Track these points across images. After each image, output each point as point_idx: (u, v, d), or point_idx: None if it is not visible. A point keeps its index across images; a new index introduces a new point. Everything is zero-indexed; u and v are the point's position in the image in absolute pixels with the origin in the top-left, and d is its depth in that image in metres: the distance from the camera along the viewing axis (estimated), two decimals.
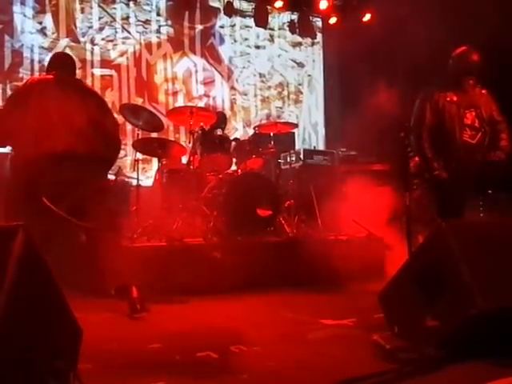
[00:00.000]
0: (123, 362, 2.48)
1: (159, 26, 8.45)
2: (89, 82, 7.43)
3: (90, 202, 3.56)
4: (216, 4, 8.94)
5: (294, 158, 6.90)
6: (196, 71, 8.74)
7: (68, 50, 7.45)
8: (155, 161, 6.54)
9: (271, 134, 6.10)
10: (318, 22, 9.90)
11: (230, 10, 8.85)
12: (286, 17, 9.56)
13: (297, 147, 7.51)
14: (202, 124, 5.73)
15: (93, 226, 3.54)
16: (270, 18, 9.30)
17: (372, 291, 2.92)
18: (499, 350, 2.25)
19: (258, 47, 9.38)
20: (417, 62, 4.27)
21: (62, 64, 4.00)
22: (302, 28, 9.54)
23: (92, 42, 7.85)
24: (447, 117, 4.04)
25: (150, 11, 8.39)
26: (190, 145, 5.65)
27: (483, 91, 4.18)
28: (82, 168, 3.55)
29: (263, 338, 2.90)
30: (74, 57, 4.36)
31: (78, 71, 4.45)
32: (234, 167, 5.93)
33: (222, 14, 8.95)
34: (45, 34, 7.54)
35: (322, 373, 2.25)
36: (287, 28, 9.55)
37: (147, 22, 8.34)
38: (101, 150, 3.79)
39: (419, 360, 2.30)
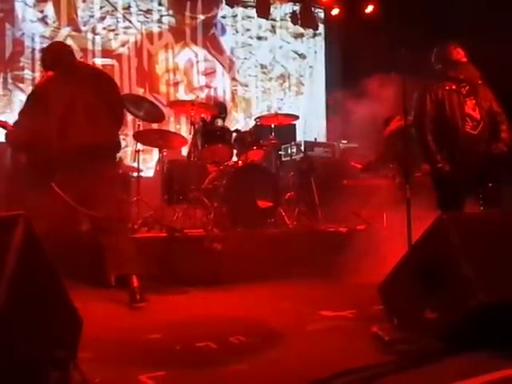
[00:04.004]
0: (123, 352, 2.49)
1: (161, 16, 8.41)
2: None
3: (98, 192, 3.56)
4: None
5: (294, 150, 6.91)
6: (197, 62, 8.71)
7: (69, 40, 7.43)
8: (156, 152, 6.54)
9: (272, 126, 6.09)
10: (321, 13, 9.84)
11: (232, 0, 8.81)
12: (288, 8, 9.51)
13: (298, 139, 7.49)
14: (203, 115, 5.72)
15: (101, 215, 3.53)
16: (271, 9, 9.25)
17: (372, 283, 2.93)
18: (499, 342, 2.26)
19: (259, 38, 9.33)
20: (418, 54, 4.25)
21: (59, 61, 3.80)
22: (304, 19, 9.49)
23: (93, 31, 7.81)
24: (448, 106, 4.00)
25: (152, 1, 8.34)
26: (191, 136, 5.65)
27: (480, 81, 4.14)
28: (97, 158, 3.55)
29: (263, 328, 2.91)
30: (68, 44, 4.15)
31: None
32: (234, 158, 5.92)
33: (223, 4, 8.90)
34: (46, 23, 7.51)
35: (321, 364, 2.26)
36: (289, 19, 9.50)
37: (149, 11, 8.29)
38: (113, 137, 3.80)
39: (418, 352, 2.31)
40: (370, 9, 8.78)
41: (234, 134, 5.97)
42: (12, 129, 3.69)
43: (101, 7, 7.90)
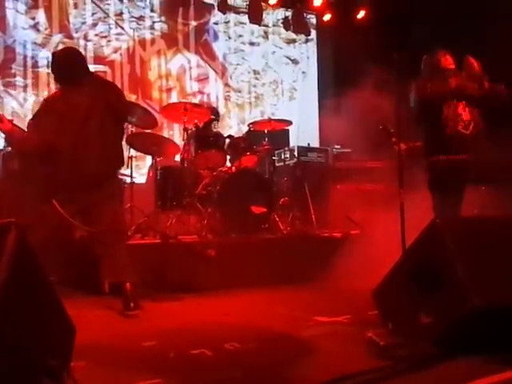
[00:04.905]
0: (117, 360, 2.48)
1: (153, 23, 8.40)
2: None
3: (99, 206, 3.55)
4: (210, 0, 8.90)
5: (288, 155, 6.91)
6: (190, 68, 8.70)
7: (61, 47, 7.40)
8: (149, 158, 6.52)
9: (265, 131, 6.10)
10: (313, 19, 9.86)
11: (224, 7, 8.81)
12: (281, 13, 9.52)
13: (291, 144, 7.49)
14: (196, 121, 5.72)
15: (100, 230, 3.51)
16: (264, 15, 9.26)
17: (366, 288, 2.92)
18: (493, 346, 2.26)
19: (252, 44, 9.34)
20: (413, 59, 4.28)
21: (72, 71, 3.65)
22: (297, 25, 9.51)
23: (85, 38, 7.79)
24: (443, 106, 4.04)
25: (144, 7, 8.33)
26: (184, 142, 5.64)
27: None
28: (103, 182, 3.55)
29: (257, 335, 2.90)
30: (75, 53, 3.84)
31: None
32: (228, 164, 5.91)
33: (216, 11, 8.90)
34: (38, 30, 7.48)
35: (317, 370, 2.25)
36: (281, 25, 9.51)
37: (141, 18, 8.28)
38: (120, 158, 3.81)
39: (413, 357, 2.31)
40: (361, 14, 8.81)
41: (228, 140, 5.96)
42: (19, 132, 3.61)
43: (93, 14, 7.88)
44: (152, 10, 8.40)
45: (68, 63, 3.68)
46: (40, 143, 3.43)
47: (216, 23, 9.00)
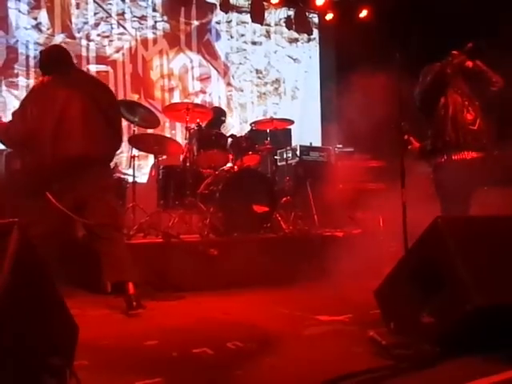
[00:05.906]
0: (120, 359, 2.48)
1: (155, 22, 8.40)
2: None
3: (93, 199, 3.56)
4: (212, 0, 8.92)
5: (290, 155, 6.92)
6: (192, 67, 8.71)
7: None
8: (151, 158, 6.53)
9: (267, 131, 6.11)
10: (315, 18, 9.88)
11: (227, 6, 8.82)
12: (283, 13, 9.54)
13: (293, 143, 7.50)
14: (198, 120, 5.73)
15: (96, 222, 3.53)
16: (266, 14, 9.27)
17: (368, 287, 2.93)
18: (495, 346, 2.26)
19: (254, 43, 9.35)
20: (414, 58, 4.28)
21: (57, 63, 3.79)
22: (299, 24, 9.53)
23: (87, 37, 7.80)
24: (451, 106, 4.07)
25: (146, 7, 8.34)
26: (186, 141, 5.65)
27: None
28: (91, 169, 3.56)
29: (259, 334, 2.91)
30: (65, 48, 4.04)
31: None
32: (230, 164, 5.92)
33: (218, 10, 8.92)
34: (40, 30, 7.49)
35: (318, 369, 2.25)
36: (284, 24, 9.53)
37: (143, 17, 8.29)
38: (110, 148, 3.81)
39: (415, 356, 2.31)
40: (363, 13, 8.82)
41: (230, 139, 5.97)
42: (3, 124, 3.67)
43: (95, 13, 7.89)
44: (154, 10, 8.41)
45: (52, 56, 3.83)
46: (22, 131, 3.51)
47: (218, 22, 9.01)
